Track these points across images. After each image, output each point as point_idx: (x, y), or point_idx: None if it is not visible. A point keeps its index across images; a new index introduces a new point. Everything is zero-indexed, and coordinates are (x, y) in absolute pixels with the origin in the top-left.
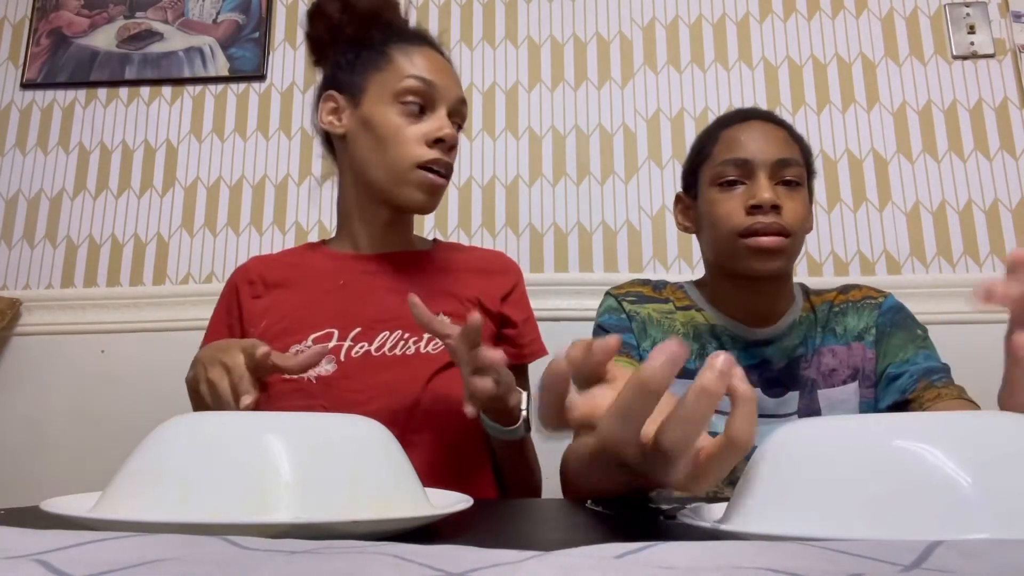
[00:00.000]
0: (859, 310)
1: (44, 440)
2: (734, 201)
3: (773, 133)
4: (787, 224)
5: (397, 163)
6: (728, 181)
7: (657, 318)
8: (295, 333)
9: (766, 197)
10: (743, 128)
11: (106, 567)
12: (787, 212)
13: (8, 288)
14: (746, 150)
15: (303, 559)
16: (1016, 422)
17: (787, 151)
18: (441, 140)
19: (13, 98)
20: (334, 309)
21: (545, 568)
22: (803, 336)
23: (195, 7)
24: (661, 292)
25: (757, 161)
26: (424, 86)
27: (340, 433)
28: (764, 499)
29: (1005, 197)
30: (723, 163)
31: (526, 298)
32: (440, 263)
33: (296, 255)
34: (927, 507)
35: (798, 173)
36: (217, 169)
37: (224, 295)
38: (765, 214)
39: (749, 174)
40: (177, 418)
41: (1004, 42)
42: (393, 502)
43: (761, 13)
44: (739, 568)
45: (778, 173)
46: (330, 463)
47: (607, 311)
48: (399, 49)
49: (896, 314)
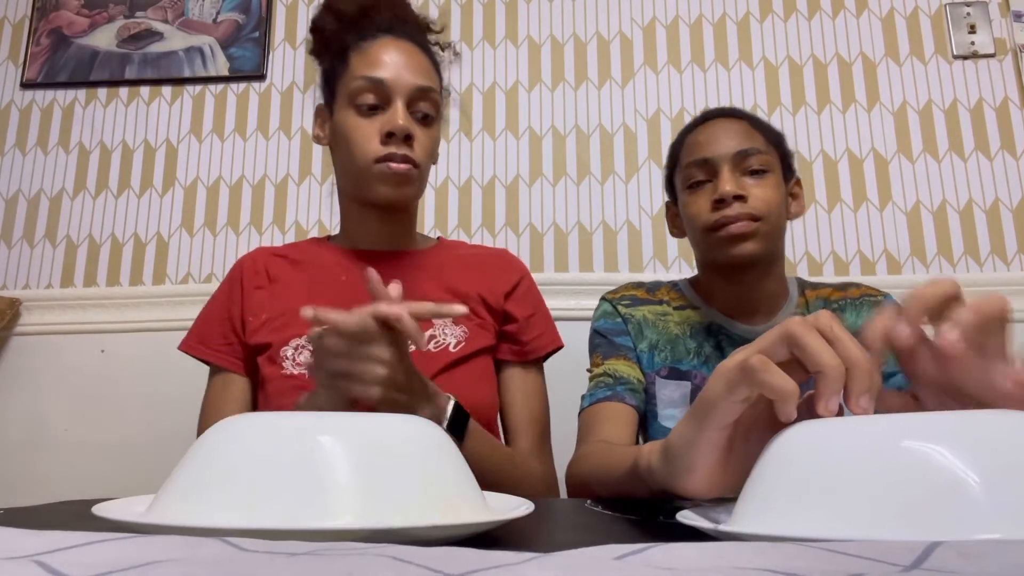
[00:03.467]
0: (858, 307)
1: (44, 440)
2: (702, 199)
3: (732, 127)
4: (754, 210)
5: (358, 163)
6: (697, 182)
7: (652, 319)
8: (296, 327)
9: (727, 190)
10: (703, 129)
11: (105, 568)
12: (753, 199)
13: (8, 288)
14: (707, 149)
15: (303, 560)
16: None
17: (747, 141)
18: (392, 133)
19: (13, 98)
20: (335, 304)
21: (545, 569)
22: None
23: (195, 7)
24: (655, 294)
25: (718, 157)
26: (371, 84)
27: (406, 434)
28: (769, 500)
29: (1006, 197)
30: (688, 166)
31: (533, 293)
32: (443, 260)
33: (300, 249)
34: (935, 508)
35: (764, 160)
36: (217, 169)
37: (228, 280)
38: (729, 206)
39: (713, 172)
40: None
41: (1005, 42)
42: (459, 505)
43: (761, 13)
44: (739, 568)
45: (741, 164)
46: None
47: (603, 315)
48: (356, 49)
49: None
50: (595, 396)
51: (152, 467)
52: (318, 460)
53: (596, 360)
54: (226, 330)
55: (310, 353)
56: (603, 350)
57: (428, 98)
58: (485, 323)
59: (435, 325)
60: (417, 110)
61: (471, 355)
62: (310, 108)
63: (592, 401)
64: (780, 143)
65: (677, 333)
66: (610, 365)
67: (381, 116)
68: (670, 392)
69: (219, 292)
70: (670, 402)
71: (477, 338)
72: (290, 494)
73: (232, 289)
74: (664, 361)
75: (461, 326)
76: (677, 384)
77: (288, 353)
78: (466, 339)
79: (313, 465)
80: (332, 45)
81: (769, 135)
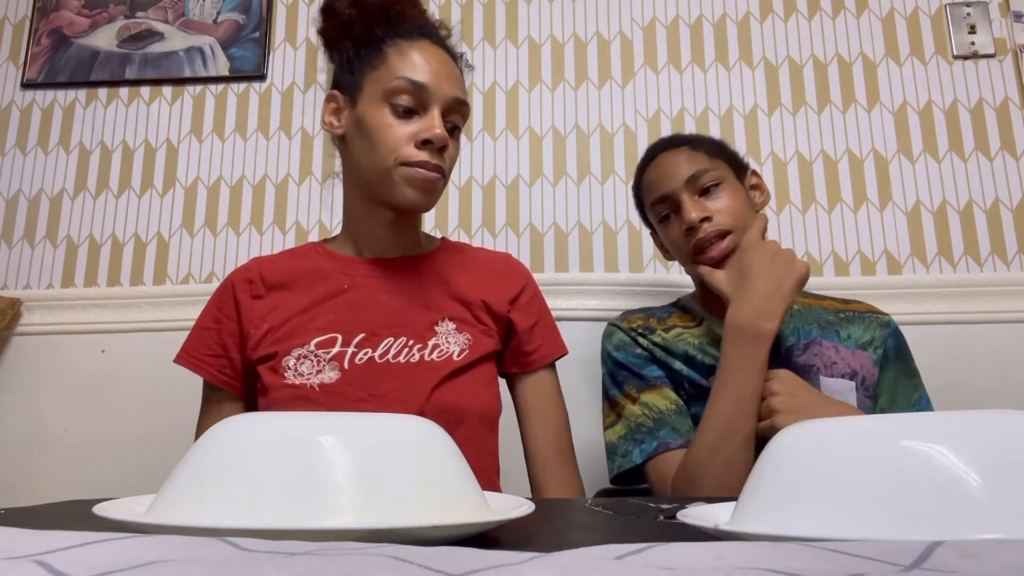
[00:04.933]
0: (865, 322)
1: (44, 440)
2: (675, 230)
3: (677, 158)
4: (722, 225)
5: (384, 162)
6: (665, 216)
7: (673, 338)
8: (298, 336)
9: (691, 217)
10: (654, 168)
11: (105, 568)
12: (718, 215)
13: (8, 288)
14: (662, 186)
15: (303, 560)
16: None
17: (692, 165)
18: (429, 141)
19: (13, 98)
20: (338, 314)
21: (545, 569)
22: (793, 327)
23: (195, 7)
24: (664, 322)
25: (674, 190)
26: (413, 87)
27: (406, 434)
28: (769, 500)
29: (1006, 197)
30: (653, 204)
31: (537, 300)
32: (446, 265)
33: (298, 256)
34: (935, 508)
35: (713, 176)
36: (217, 169)
37: (218, 293)
38: (700, 229)
39: (676, 204)
40: (237, 418)
41: (1005, 42)
42: (460, 505)
43: (762, 13)
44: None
45: (695, 187)
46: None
47: (621, 347)
48: (394, 46)
49: (899, 340)
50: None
51: (152, 467)
52: (318, 460)
53: (630, 393)
54: (216, 343)
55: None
56: (634, 383)
57: (460, 111)
58: (489, 329)
59: (438, 333)
60: (449, 121)
61: (474, 362)
62: (311, 108)
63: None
64: (722, 150)
65: (697, 345)
66: (647, 398)
67: (417, 121)
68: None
69: (208, 309)
70: None
71: (480, 344)
72: (291, 494)
73: (223, 302)
74: (707, 360)
75: (465, 333)
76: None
77: (291, 363)
78: (469, 346)
79: (313, 465)
80: (355, 33)
81: (710, 148)
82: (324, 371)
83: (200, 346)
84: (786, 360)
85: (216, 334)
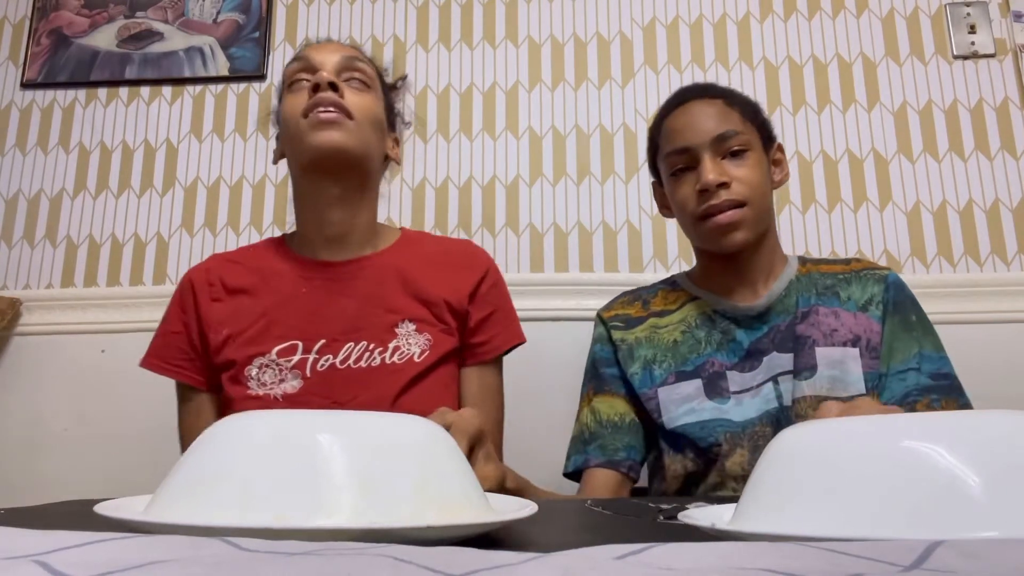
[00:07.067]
0: (863, 281)
1: (44, 440)
2: (687, 187)
3: (708, 110)
4: (739, 195)
5: (292, 129)
6: (679, 170)
7: (645, 337)
8: (259, 344)
9: (710, 179)
10: (680, 114)
11: (105, 568)
12: (736, 183)
13: (8, 288)
14: (685, 137)
15: (303, 560)
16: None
17: (724, 124)
18: (317, 86)
19: (13, 98)
20: (297, 319)
21: (545, 569)
22: (795, 297)
23: (195, 7)
24: (648, 307)
25: (697, 145)
26: (300, 63)
27: (407, 434)
28: (769, 500)
29: (1006, 197)
30: (669, 155)
31: (497, 289)
32: (405, 261)
33: (257, 256)
34: (935, 508)
35: (743, 140)
36: (217, 169)
37: (179, 293)
38: (714, 194)
39: (695, 159)
40: (234, 417)
41: (1005, 42)
42: (460, 505)
43: (762, 13)
44: (739, 568)
45: (720, 148)
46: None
47: (598, 340)
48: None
49: (898, 293)
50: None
51: (152, 467)
52: (317, 459)
53: (589, 394)
54: (185, 345)
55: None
56: (594, 383)
57: (355, 67)
58: (449, 328)
59: (398, 335)
60: (348, 78)
61: (436, 363)
62: None
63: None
64: (756, 114)
65: (676, 338)
66: (598, 404)
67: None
68: (682, 391)
69: (172, 309)
70: (685, 398)
71: (440, 344)
72: (290, 493)
73: (184, 304)
74: (667, 370)
75: (425, 334)
76: (687, 383)
77: (252, 372)
78: (430, 347)
79: (312, 464)
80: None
81: (745, 110)
82: (287, 379)
83: (172, 350)
84: (788, 333)
85: (185, 337)
